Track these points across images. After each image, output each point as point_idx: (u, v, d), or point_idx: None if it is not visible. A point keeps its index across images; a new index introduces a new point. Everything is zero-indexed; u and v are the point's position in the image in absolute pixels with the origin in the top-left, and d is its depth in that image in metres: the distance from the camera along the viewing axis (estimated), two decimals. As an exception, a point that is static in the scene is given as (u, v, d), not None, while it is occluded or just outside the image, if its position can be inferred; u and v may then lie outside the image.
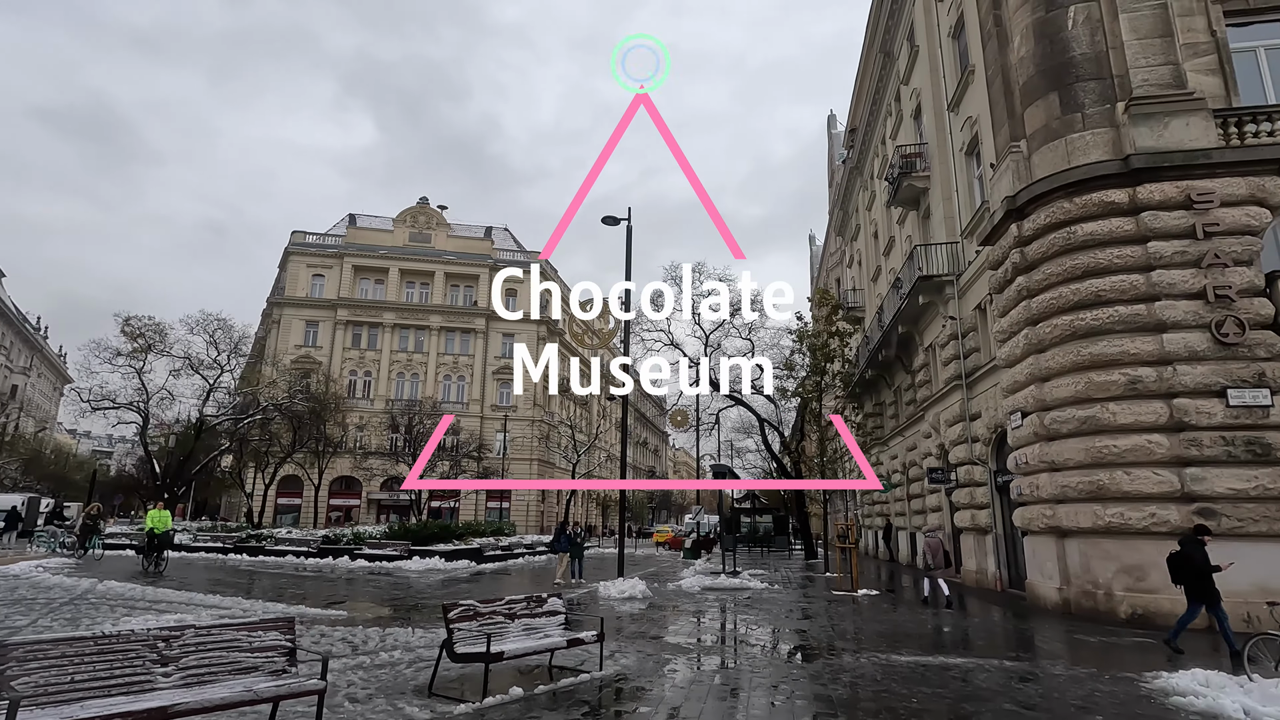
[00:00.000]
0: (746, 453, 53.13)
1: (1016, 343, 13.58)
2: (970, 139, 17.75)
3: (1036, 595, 13.16)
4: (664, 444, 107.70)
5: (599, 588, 15.42)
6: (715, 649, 9.12)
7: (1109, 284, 11.99)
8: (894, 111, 26.34)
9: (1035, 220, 13.17)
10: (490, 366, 55.10)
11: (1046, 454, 12.54)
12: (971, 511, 17.35)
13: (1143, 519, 11.04)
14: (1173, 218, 11.84)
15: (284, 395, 34.64)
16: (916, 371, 22.90)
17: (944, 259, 19.02)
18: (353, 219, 57.46)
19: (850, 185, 36.74)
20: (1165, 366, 11.39)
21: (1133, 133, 12.35)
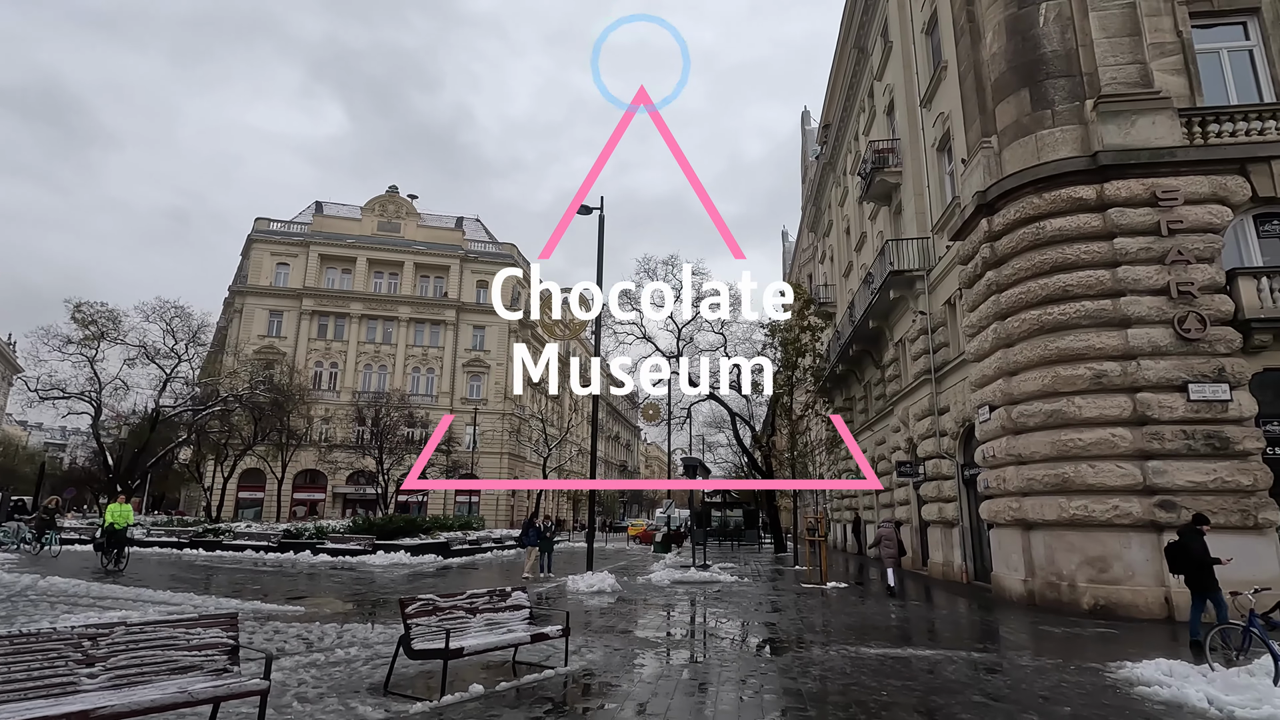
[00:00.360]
0: (718, 447, 53.42)
1: (985, 337, 13.67)
2: (942, 135, 17.84)
3: (1002, 587, 13.29)
4: (636, 438, 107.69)
5: (567, 582, 15.22)
6: (684, 643, 8.99)
7: (1076, 279, 12.10)
8: (867, 107, 26.44)
9: (1005, 215, 13.25)
10: (460, 359, 54.35)
11: (1013, 447, 12.64)
12: (939, 505, 17.50)
13: (1106, 511, 11.18)
14: (1138, 215, 11.99)
15: (245, 386, 33.66)
16: (886, 366, 23.06)
17: (915, 254, 19.13)
18: (319, 206, 56.11)
19: (823, 181, 36.90)
20: (1130, 361, 11.54)
21: (1101, 130, 12.47)
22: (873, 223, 25.32)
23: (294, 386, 40.96)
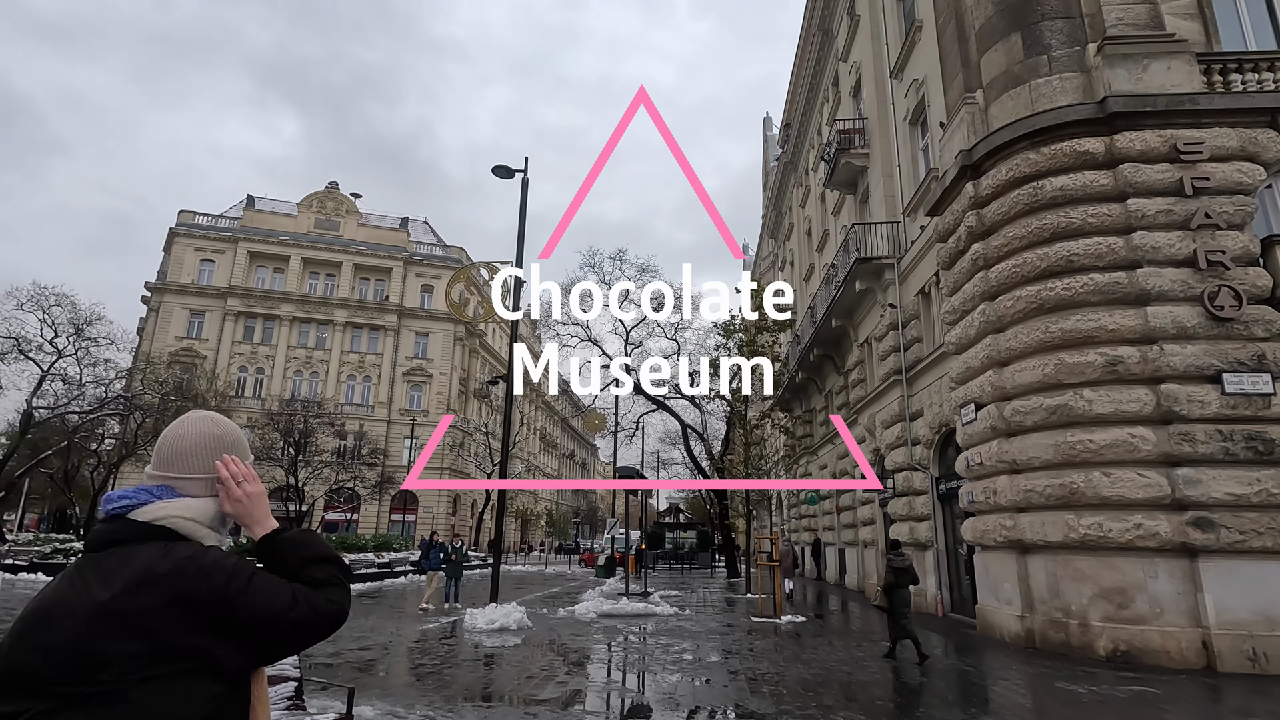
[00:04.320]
0: (673, 464, 50.88)
1: (970, 322, 11.46)
2: (916, 104, 15.84)
3: (990, 623, 10.94)
4: (592, 456, 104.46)
5: (465, 617, 12.37)
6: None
7: (1083, 248, 9.97)
8: (831, 96, 24.61)
9: (995, 176, 11.13)
10: (400, 367, 50.84)
11: (1006, 452, 10.37)
12: (910, 524, 15.20)
13: (1126, 531, 8.92)
14: (1156, 171, 9.95)
15: (141, 387, 29.85)
16: (850, 371, 20.90)
17: (884, 241, 17.03)
18: (251, 200, 52.27)
19: (784, 183, 35.11)
20: (1150, 345, 9.40)
21: (1108, 75, 10.47)
22: (836, 218, 23.34)
23: (209, 392, 37.13)
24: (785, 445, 29.01)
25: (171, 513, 1.34)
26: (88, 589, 1.23)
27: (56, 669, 1.18)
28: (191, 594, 1.23)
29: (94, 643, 1.19)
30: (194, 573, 1.25)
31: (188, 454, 1.41)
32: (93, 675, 1.17)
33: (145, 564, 1.25)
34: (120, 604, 1.21)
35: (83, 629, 1.19)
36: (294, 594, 1.31)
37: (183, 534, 1.34)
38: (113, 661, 1.18)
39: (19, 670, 1.18)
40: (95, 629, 1.19)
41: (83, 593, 1.23)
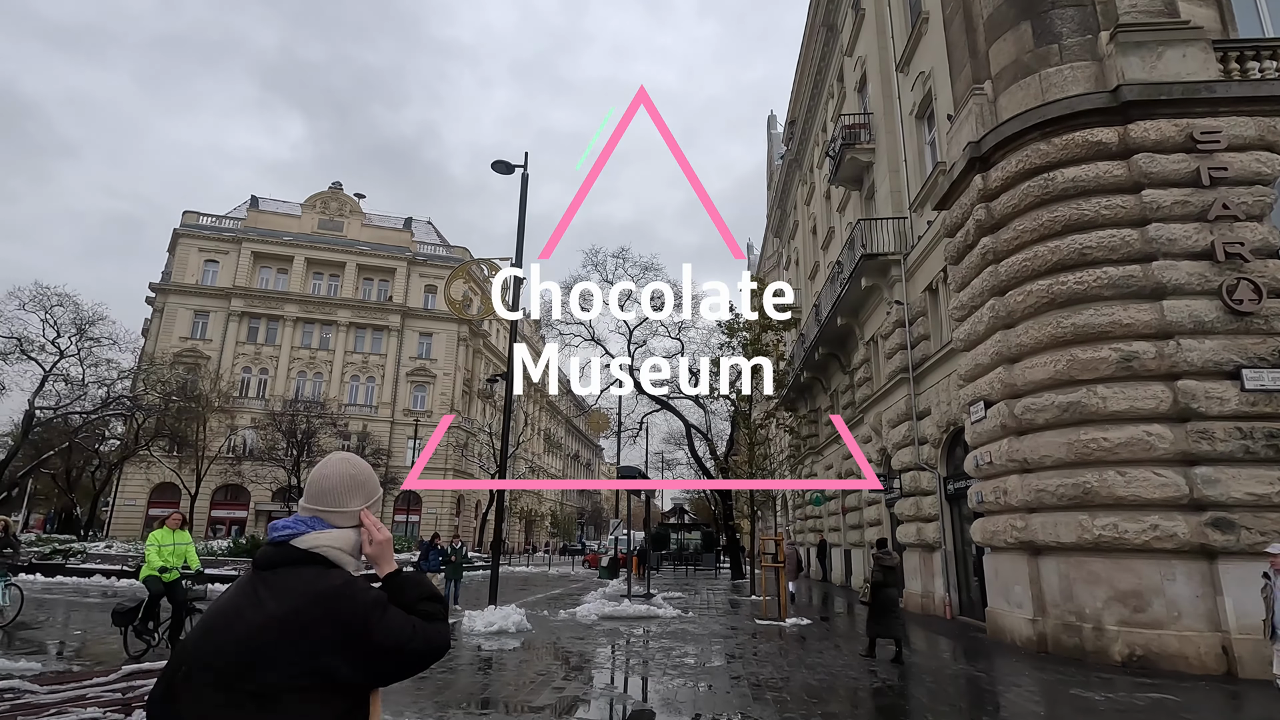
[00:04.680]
0: (677, 464, 50.60)
1: (979, 318, 11.18)
2: (922, 98, 15.56)
3: (1000, 627, 10.65)
4: (597, 457, 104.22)
5: (463, 620, 12.15)
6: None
7: (1096, 240, 9.69)
8: (836, 92, 24.32)
9: (1004, 168, 10.85)
10: (404, 367, 50.75)
11: (1017, 451, 10.10)
12: (917, 525, 14.92)
13: (1142, 532, 8.64)
14: (1171, 161, 9.66)
15: (144, 388, 29.82)
16: (855, 369, 20.61)
17: (890, 237, 16.76)
18: (255, 201, 52.27)
19: (788, 181, 34.82)
20: (1167, 340, 9.11)
21: (1121, 63, 10.18)
22: (841, 215, 23.07)
23: (213, 393, 37.09)
24: (790, 445, 28.72)
25: (324, 542, 1.58)
26: (260, 602, 1.47)
27: (232, 666, 1.40)
28: (341, 613, 1.46)
29: (263, 646, 1.42)
30: (346, 596, 1.49)
31: (334, 492, 1.64)
32: (258, 676, 1.40)
33: (308, 584, 1.49)
34: (287, 616, 1.44)
35: (255, 634, 1.43)
36: (414, 626, 1.54)
37: (331, 560, 1.58)
38: (276, 664, 1.40)
39: (206, 665, 1.42)
40: (265, 635, 1.42)
41: (256, 604, 1.47)
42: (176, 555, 8.75)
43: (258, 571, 1.57)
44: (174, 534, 8.90)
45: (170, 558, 8.66)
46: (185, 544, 8.95)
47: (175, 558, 8.72)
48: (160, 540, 8.76)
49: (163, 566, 8.57)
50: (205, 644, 1.47)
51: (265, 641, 1.42)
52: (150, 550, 8.71)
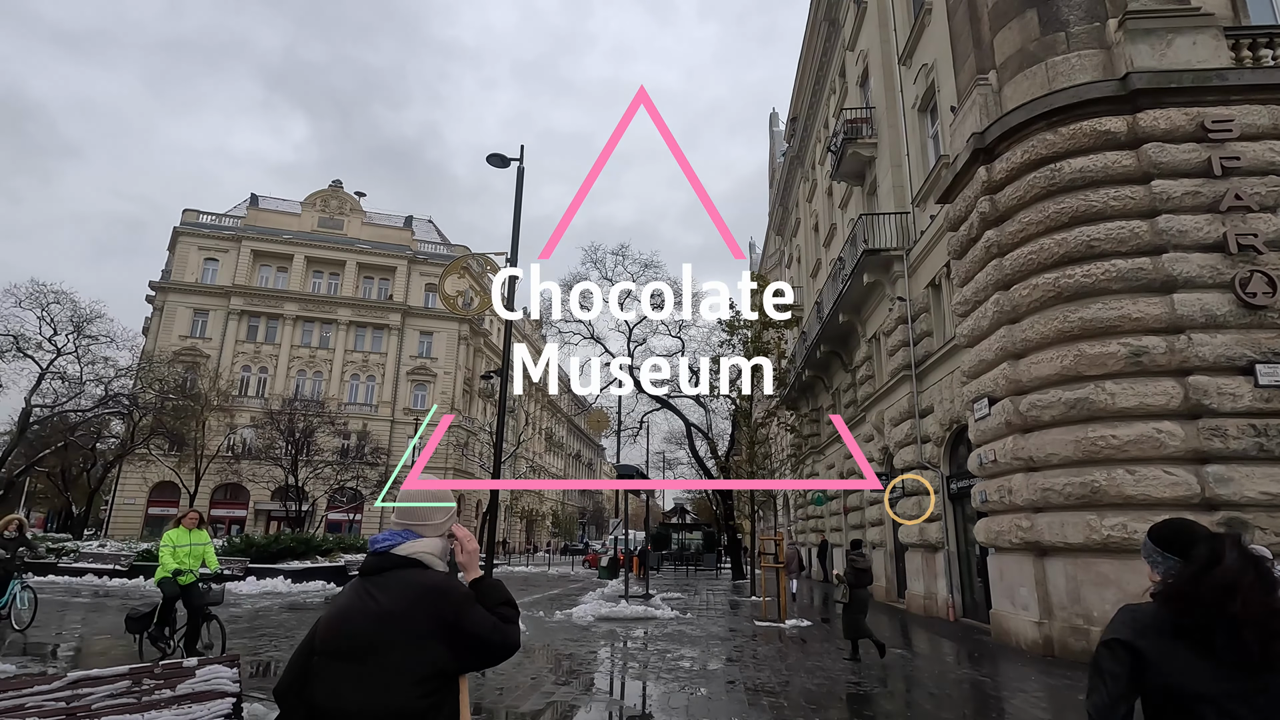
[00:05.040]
0: (679, 464, 50.36)
1: (983, 313, 10.92)
2: (925, 90, 15.30)
3: (1004, 629, 10.39)
4: (598, 457, 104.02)
5: (455, 620, 11.91)
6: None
7: (1104, 232, 9.42)
8: (838, 88, 24.06)
9: (1009, 159, 10.58)
10: (404, 366, 50.58)
11: (1022, 449, 9.83)
12: (920, 525, 14.65)
13: (1152, 532, 8.36)
14: (1182, 151, 9.39)
15: (141, 386, 29.63)
16: (857, 368, 20.35)
17: (892, 232, 16.50)
18: (255, 199, 52.15)
19: (790, 178, 34.56)
20: (1177, 335, 8.84)
21: (1130, 51, 9.91)
22: (843, 212, 22.82)
23: (212, 392, 36.94)
24: (791, 445, 28.46)
25: (419, 549, 1.93)
26: (373, 598, 1.82)
27: (355, 652, 1.76)
28: (439, 605, 1.80)
29: (378, 634, 1.76)
30: (444, 591, 1.84)
31: (419, 509, 2.01)
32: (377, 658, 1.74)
33: (412, 582, 1.84)
34: (396, 608, 1.78)
35: (372, 625, 1.77)
36: (493, 624, 1.87)
37: (425, 564, 1.91)
38: (391, 648, 1.74)
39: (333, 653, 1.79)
40: (380, 624, 1.77)
41: (370, 601, 1.82)
42: (193, 556, 8.10)
43: (366, 576, 1.93)
44: (190, 533, 8.20)
45: (186, 559, 8.01)
46: (203, 544, 8.29)
47: (192, 559, 8.08)
48: (175, 540, 8.08)
49: (178, 569, 7.89)
50: (329, 636, 1.83)
51: (380, 630, 1.77)
52: (164, 551, 8.04)
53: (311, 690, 1.79)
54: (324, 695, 1.77)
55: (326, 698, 1.77)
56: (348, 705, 1.74)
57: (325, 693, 1.77)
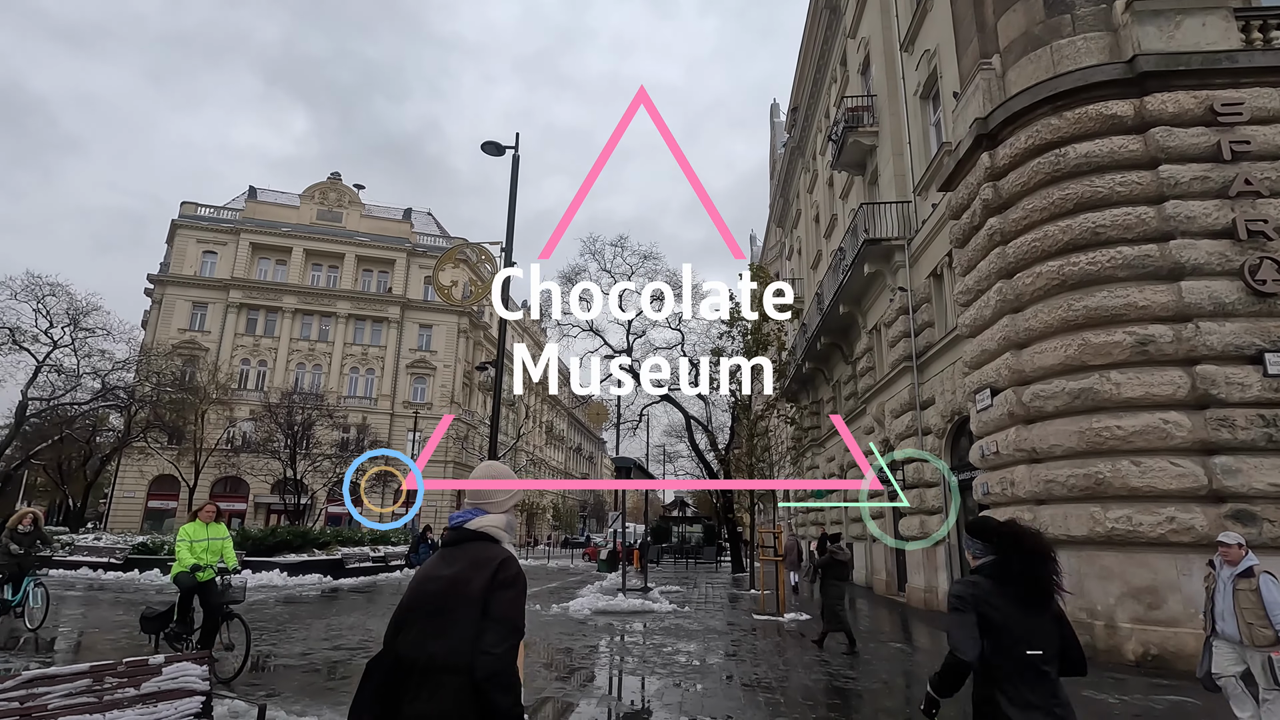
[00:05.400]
0: (679, 458, 50.28)
1: (986, 302, 10.72)
2: (927, 77, 15.05)
3: (1006, 624, 10.22)
4: (599, 450, 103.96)
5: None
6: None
7: (1110, 218, 9.21)
8: (839, 77, 23.77)
9: (1013, 145, 10.36)
10: (404, 359, 50.39)
11: (1025, 440, 9.65)
12: (921, 518, 14.50)
13: (1158, 525, 8.20)
14: (1191, 135, 9.17)
15: (138, 379, 29.51)
16: (858, 359, 20.16)
17: (893, 222, 16.28)
18: (253, 192, 51.90)
19: (791, 169, 34.27)
20: (1184, 324, 8.64)
21: (1137, 33, 9.67)
22: (844, 202, 22.57)
23: (211, 385, 36.82)
24: (792, 437, 28.30)
25: (488, 524, 2.25)
26: (448, 565, 2.17)
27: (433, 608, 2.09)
28: (497, 574, 2.10)
29: (449, 593, 2.09)
30: (499, 564, 2.12)
31: (483, 489, 2.33)
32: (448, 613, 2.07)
33: (476, 553, 2.16)
34: (460, 574, 2.12)
35: (444, 586, 2.11)
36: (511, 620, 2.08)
37: (493, 537, 2.24)
38: (458, 606, 2.06)
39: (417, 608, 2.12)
40: (450, 586, 2.10)
41: (444, 567, 2.17)
42: (210, 551, 7.62)
43: (445, 547, 2.27)
44: (207, 527, 7.72)
45: (204, 554, 7.53)
46: (221, 538, 7.80)
47: (209, 554, 7.60)
48: (192, 535, 7.59)
49: (195, 564, 7.40)
50: (412, 596, 2.16)
51: (448, 593, 2.08)
52: (181, 546, 7.52)
53: (399, 639, 2.12)
54: (406, 645, 2.09)
55: (408, 647, 2.08)
56: (421, 654, 2.05)
57: (407, 642, 2.09)
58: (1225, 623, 5.25)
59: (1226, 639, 5.26)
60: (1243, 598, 5.15)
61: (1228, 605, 5.23)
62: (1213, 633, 5.42)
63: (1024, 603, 2.63)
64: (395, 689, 2.06)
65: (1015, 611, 2.61)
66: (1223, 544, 5.48)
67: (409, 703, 2.00)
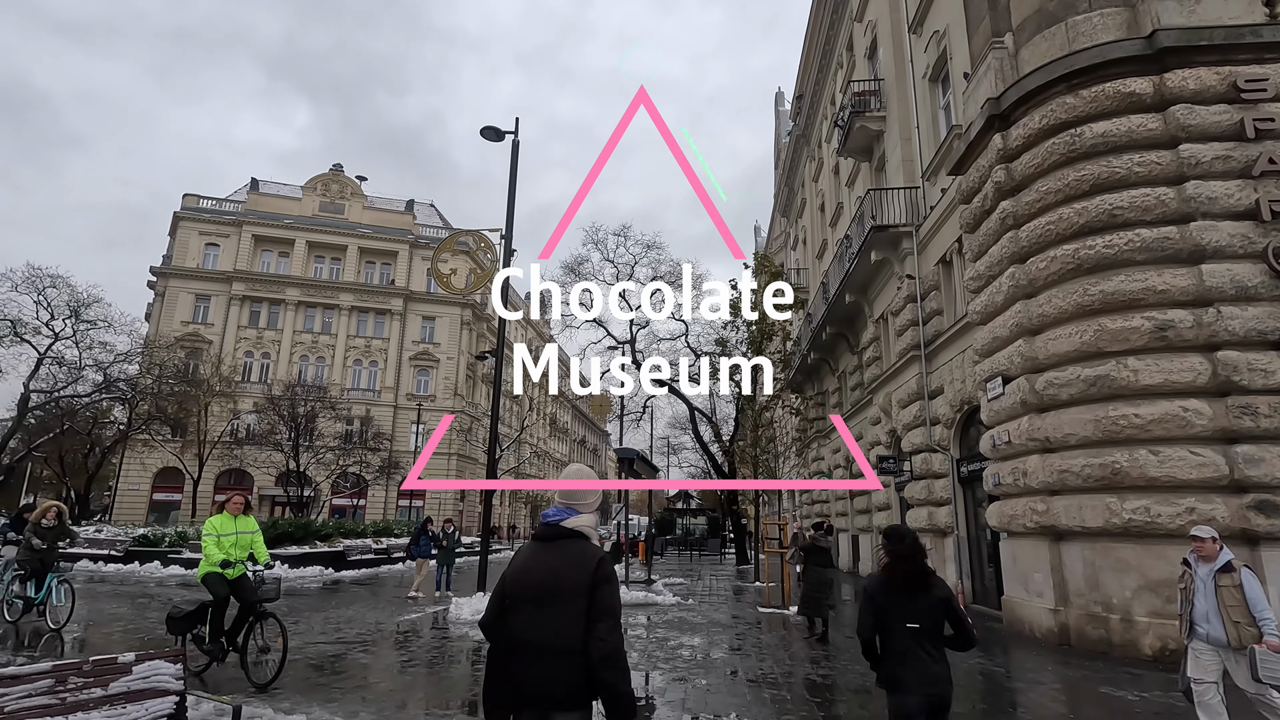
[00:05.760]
0: (683, 449, 50.09)
1: (998, 288, 10.43)
2: (937, 59, 14.70)
3: (1018, 617, 10.01)
4: (603, 442, 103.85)
5: (450, 607, 11.62)
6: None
7: (1128, 200, 8.91)
8: (845, 62, 23.38)
9: (1026, 125, 10.05)
10: (407, 351, 50.26)
11: (1038, 429, 9.39)
12: (928, 509, 14.25)
13: (1176, 516, 7.94)
14: (1212, 113, 8.85)
15: (140, 371, 29.41)
16: (864, 349, 19.88)
17: (901, 208, 15.96)
18: (255, 183, 51.70)
19: (796, 158, 33.87)
20: (1205, 308, 8.36)
21: (1156, 8, 9.34)
22: (850, 189, 22.23)
23: (213, 377, 36.75)
24: (797, 429, 28.05)
25: (580, 523, 2.56)
26: (548, 557, 2.48)
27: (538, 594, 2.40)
28: (595, 568, 2.42)
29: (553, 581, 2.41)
30: (597, 560, 2.46)
31: (574, 491, 2.63)
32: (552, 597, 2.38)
33: (575, 549, 2.48)
34: (564, 564, 2.43)
35: (547, 575, 2.43)
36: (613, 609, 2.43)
37: (586, 535, 2.56)
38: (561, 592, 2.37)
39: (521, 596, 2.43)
40: (554, 575, 2.42)
41: (545, 558, 2.48)
42: (240, 546, 6.85)
43: (540, 541, 2.53)
44: (236, 520, 6.94)
45: (233, 549, 6.76)
46: (250, 532, 7.03)
47: (239, 549, 6.83)
48: (219, 528, 6.81)
49: (225, 560, 6.59)
50: (516, 586, 2.45)
51: (552, 582, 2.38)
52: (208, 541, 6.74)
53: (508, 624, 2.42)
54: (516, 628, 2.39)
55: (518, 630, 2.38)
56: (532, 636, 2.34)
57: (517, 626, 2.38)
58: (1210, 625, 4.75)
59: (1211, 643, 4.77)
60: (1227, 595, 4.69)
61: (1210, 605, 4.75)
62: (1191, 636, 4.91)
63: (905, 589, 3.47)
64: (511, 664, 2.40)
65: (899, 596, 3.46)
66: (1196, 538, 4.97)
67: (525, 676, 2.36)
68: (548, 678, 2.30)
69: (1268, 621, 4.55)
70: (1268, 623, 4.55)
